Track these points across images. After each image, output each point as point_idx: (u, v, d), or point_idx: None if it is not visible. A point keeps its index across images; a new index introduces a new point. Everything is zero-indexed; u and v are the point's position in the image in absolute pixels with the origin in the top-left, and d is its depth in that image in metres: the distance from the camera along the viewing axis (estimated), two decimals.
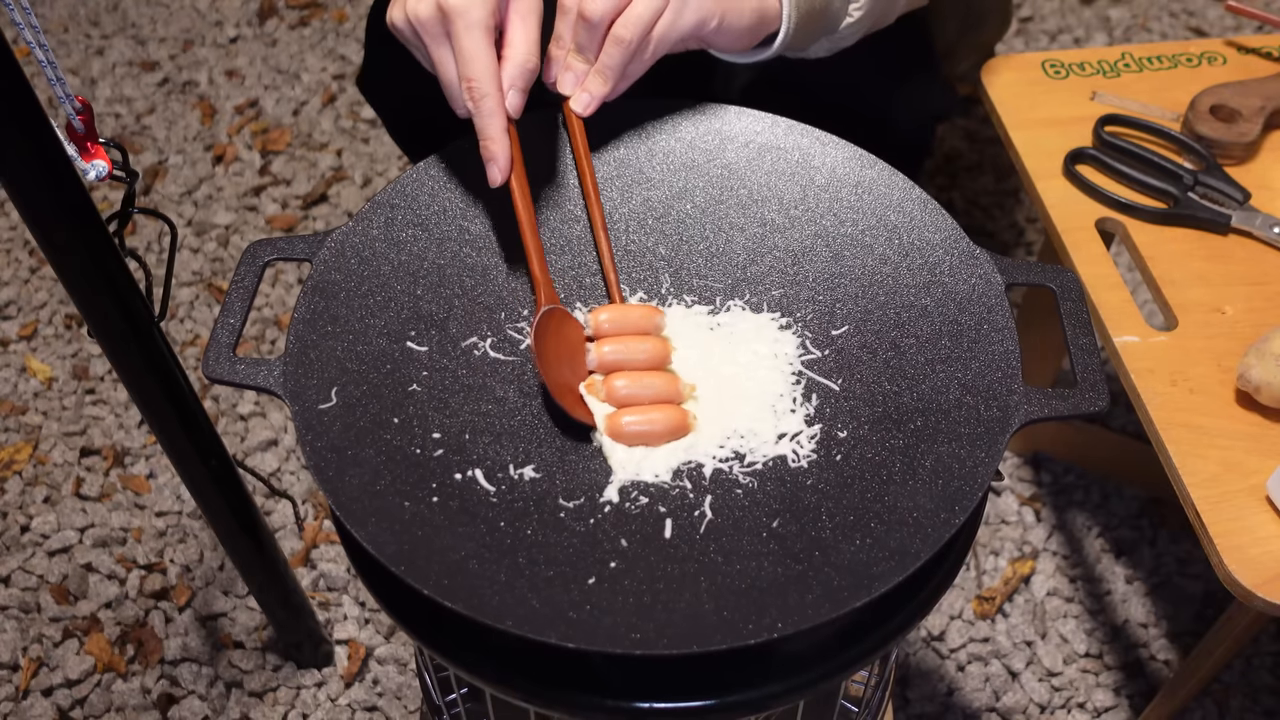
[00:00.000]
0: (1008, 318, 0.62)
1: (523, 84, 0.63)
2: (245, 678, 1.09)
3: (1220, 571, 0.71)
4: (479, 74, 0.61)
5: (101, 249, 0.70)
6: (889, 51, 0.90)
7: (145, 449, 1.28)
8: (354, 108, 1.70)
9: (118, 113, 1.70)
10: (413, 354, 0.62)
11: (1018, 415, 0.57)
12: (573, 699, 0.55)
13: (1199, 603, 1.14)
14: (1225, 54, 1.03)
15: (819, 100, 0.89)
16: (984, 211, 1.53)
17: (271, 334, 1.40)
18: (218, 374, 0.59)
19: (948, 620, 1.13)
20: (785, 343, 0.64)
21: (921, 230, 0.67)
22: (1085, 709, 1.08)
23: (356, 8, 1.88)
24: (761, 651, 0.52)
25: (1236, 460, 0.75)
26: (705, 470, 0.58)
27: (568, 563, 0.54)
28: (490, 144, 0.62)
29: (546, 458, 0.58)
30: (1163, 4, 1.84)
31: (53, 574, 1.17)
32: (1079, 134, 0.95)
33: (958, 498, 0.55)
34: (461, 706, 0.78)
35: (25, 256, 1.51)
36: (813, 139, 0.71)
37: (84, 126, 0.66)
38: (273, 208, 1.56)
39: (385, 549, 0.52)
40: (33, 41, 0.62)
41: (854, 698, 0.80)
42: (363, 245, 0.65)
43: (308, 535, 1.20)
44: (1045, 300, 1.13)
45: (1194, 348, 0.81)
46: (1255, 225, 0.87)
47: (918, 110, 0.91)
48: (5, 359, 1.38)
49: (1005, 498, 1.23)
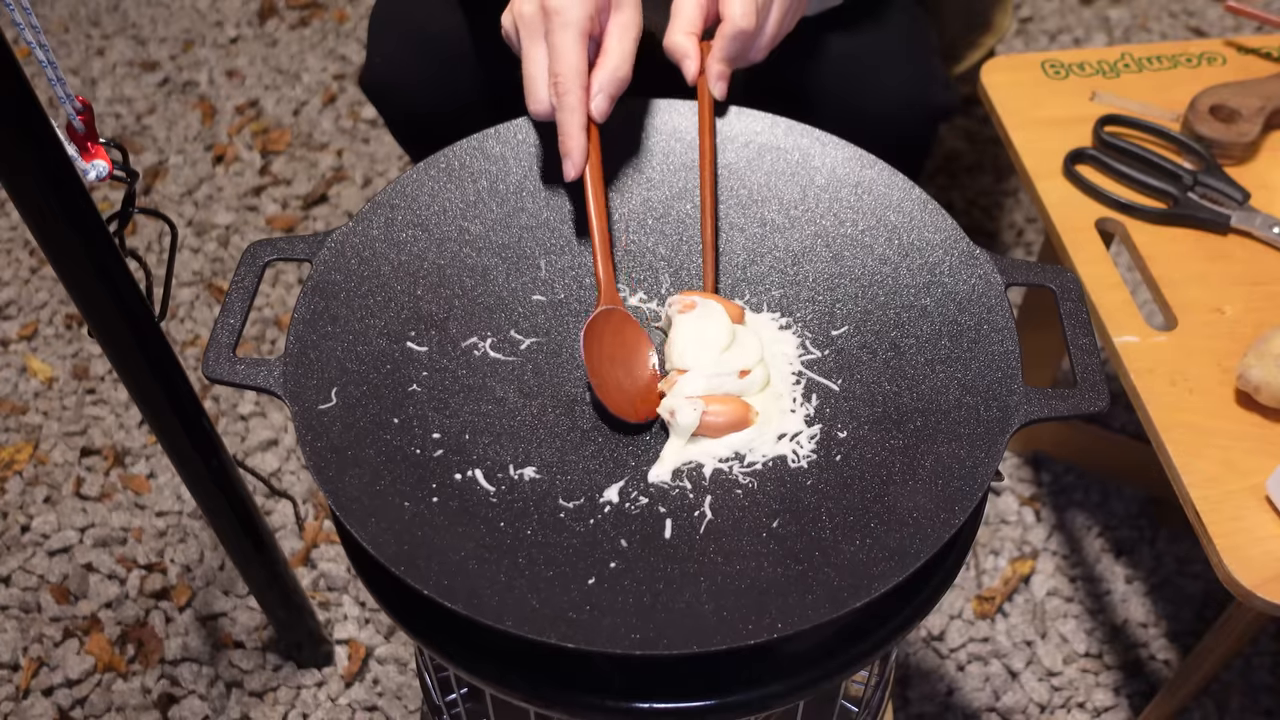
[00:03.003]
0: (1008, 318, 0.62)
1: (611, 90, 0.65)
2: (245, 677, 1.09)
3: (1220, 571, 0.71)
4: (566, 70, 0.63)
5: (102, 249, 0.70)
6: (891, 50, 0.91)
7: (145, 449, 1.28)
8: (354, 108, 1.70)
9: (118, 113, 1.70)
10: (413, 354, 0.62)
11: (1018, 415, 0.57)
12: (573, 699, 0.55)
13: (1199, 603, 1.14)
14: (1225, 54, 1.03)
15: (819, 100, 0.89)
16: (984, 211, 1.53)
17: (271, 334, 1.40)
18: (218, 374, 0.59)
19: (948, 620, 1.13)
20: (785, 343, 0.64)
21: (921, 230, 0.67)
22: (1085, 709, 1.08)
23: (356, 8, 1.88)
24: (761, 651, 0.52)
25: (1236, 460, 0.75)
26: (705, 470, 0.58)
27: (568, 563, 0.54)
28: (568, 140, 0.64)
29: (546, 458, 0.58)
30: (1162, 4, 1.84)
31: (53, 574, 1.17)
32: (1079, 134, 0.95)
33: (958, 498, 0.55)
34: (461, 706, 0.78)
35: (25, 256, 1.51)
36: (813, 139, 0.71)
37: (84, 126, 0.66)
38: (273, 208, 1.56)
39: (385, 549, 0.52)
40: (33, 41, 0.62)
41: (854, 698, 0.80)
42: (363, 245, 0.65)
43: (308, 535, 1.20)
44: (1045, 300, 1.13)
45: (1194, 348, 0.81)
46: (1255, 225, 0.87)
47: (919, 109, 0.91)
48: (5, 359, 1.38)
49: (1005, 498, 1.23)
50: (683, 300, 0.63)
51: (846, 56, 0.89)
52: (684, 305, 0.62)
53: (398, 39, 0.94)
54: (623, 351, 0.62)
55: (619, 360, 0.61)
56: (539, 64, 0.65)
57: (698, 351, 0.60)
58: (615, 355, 0.61)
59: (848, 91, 0.89)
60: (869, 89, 0.89)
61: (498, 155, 0.70)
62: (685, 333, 0.61)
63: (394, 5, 0.96)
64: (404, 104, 0.96)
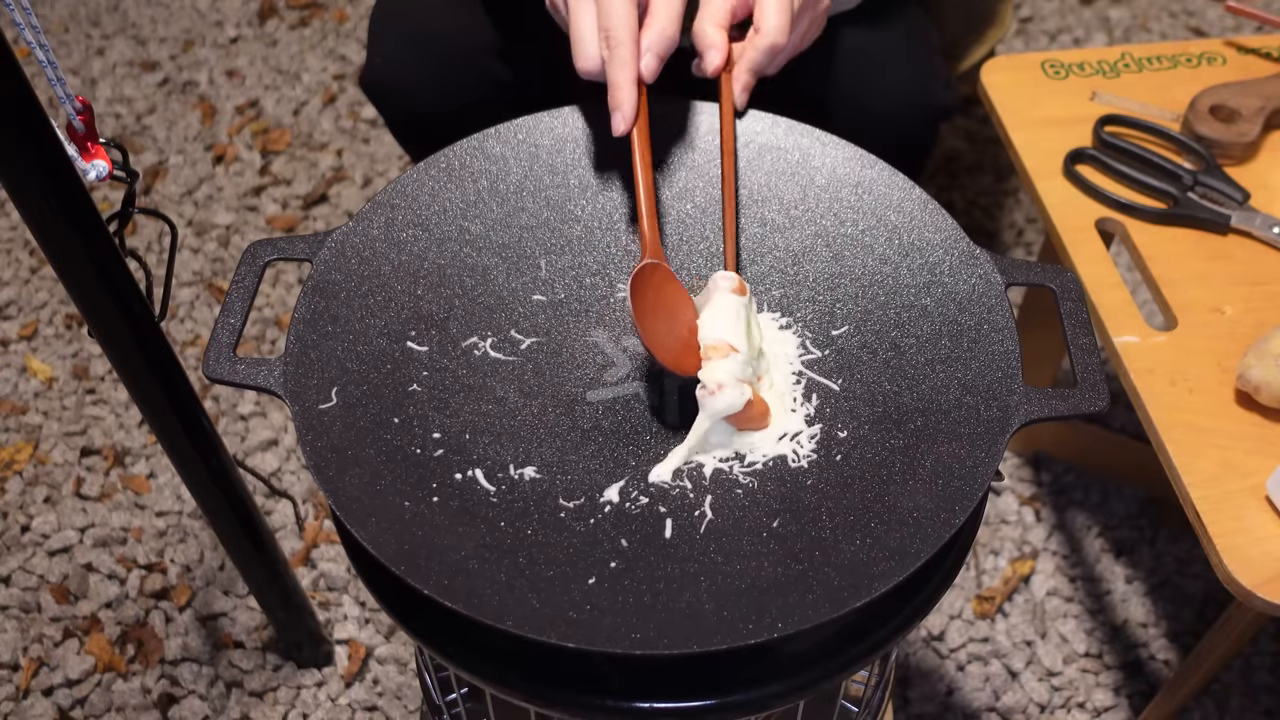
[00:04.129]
0: (1008, 318, 0.62)
1: (660, 50, 0.65)
2: (245, 677, 1.09)
3: (1220, 571, 0.71)
4: (617, 24, 0.63)
5: (102, 249, 0.70)
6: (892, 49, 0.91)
7: (145, 449, 1.28)
8: (354, 108, 1.70)
9: (118, 113, 1.70)
10: (413, 354, 0.62)
11: (1018, 415, 0.57)
12: (573, 699, 0.55)
13: (1199, 603, 1.14)
14: (1225, 54, 1.03)
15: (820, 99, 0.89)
16: (984, 211, 1.53)
17: (271, 334, 1.40)
18: (218, 374, 0.59)
19: (948, 620, 1.13)
20: (785, 343, 0.64)
21: (921, 230, 0.67)
22: (1085, 709, 1.08)
23: (356, 8, 1.88)
24: (761, 651, 0.52)
25: (1236, 460, 0.75)
26: (705, 470, 0.58)
27: (568, 563, 0.54)
28: (619, 92, 0.64)
29: (547, 458, 0.58)
30: (1163, 4, 1.84)
31: (53, 574, 1.17)
32: (1079, 134, 0.95)
33: (958, 498, 0.55)
34: (461, 706, 0.78)
35: (25, 256, 1.51)
36: (813, 139, 0.71)
37: (84, 126, 0.66)
38: (273, 208, 1.56)
39: (385, 549, 0.52)
40: (33, 41, 0.62)
41: (854, 698, 0.80)
42: (363, 245, 0.65)
43: (308, 535, 1.20)
44: (1045, 300, 1.13)
45: (1194, 348, 0.81)
46: (1255, 225, 0.87)
47: (920, 108, 0.91)
48: (5, 359, 1.38)
49: (1005, 498, 1.23)
50: (739, 281, 0.62)
51: (847, 56, 0.89)
52: (739, 286, 0.62)
53: (398, 39, 0.94)
54: (665, 307, 0.61)
55: (662, 315, 0.60)
56: (588, 21, 0.64)
57: (737, 336, 0.60)
58: (658, 309, 0.60)
59: (848, 91, 0.89)
60: (870, 88, 0.89)
61: (498, 155, 0.70)
62: (728, 313, 0.61)
63: (394, 5, 0.96)
64: (404, 104, 0.96)
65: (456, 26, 0.93)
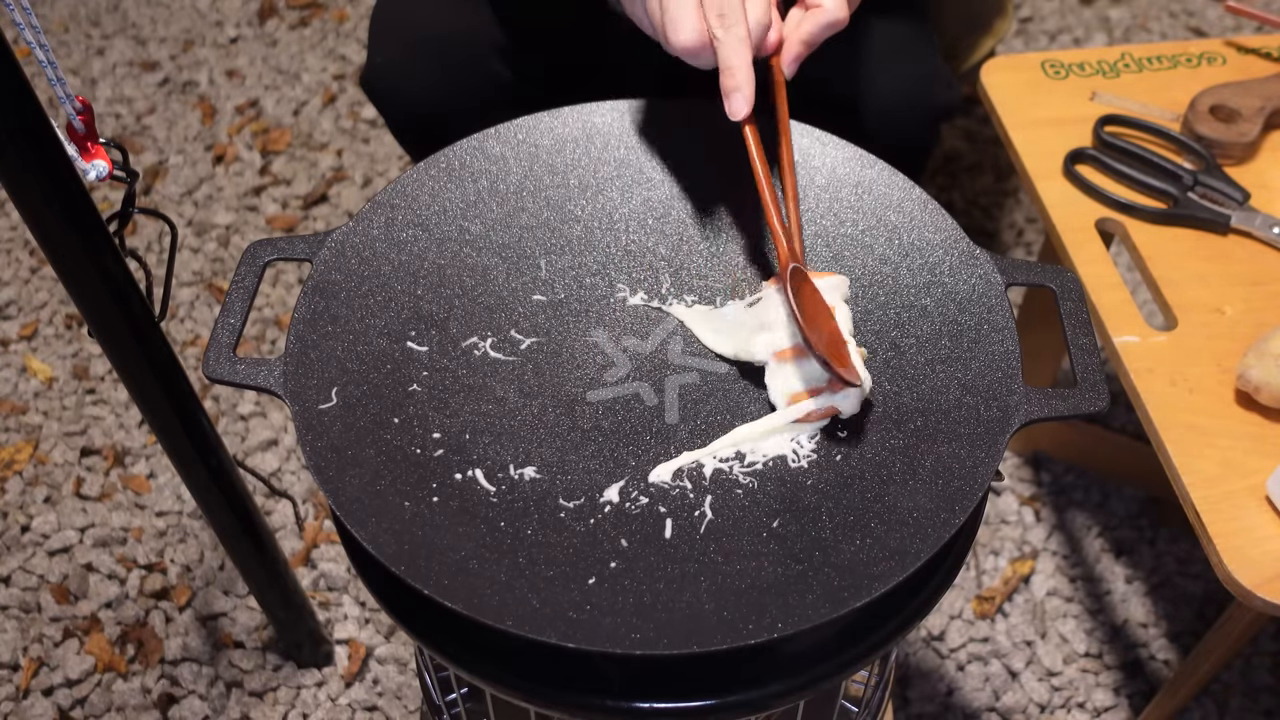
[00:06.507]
0: (1008, 318, 0.62)
1: (758, 36, 0.63)
2: (245, 677, 1.09)
3: (1220, 571, 0.71)
4: (731, 5, 0.60)
5: (101, 249, 0.70)
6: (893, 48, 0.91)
7: (145, 449, 1.28)
8: (354, 108, 1.70)
9: (118, 113, 1.70)
10: (413, 354, 0.62)
11: (1018, 415, 0.57)
12: (573, 699, 0.55)
13: (1199, 603, 1.14)
14: (1225, 54, 1.03)
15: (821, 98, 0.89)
16: (984, 211, 1.53)
17: (271, 334, 1.40)
18: (218, 374, 0.59)
19: (948, 620, 1.13)
20: None
21: (921, 230, 0.67)
22: (1085, 709, 1.08)
23: (356, 8, 1.88)
24: (761, 651, 0.52)
25: (1236, 460, 0.75)
26: (705, 470, 0.58)
27: (568, 563, 0.54)
28: (736, 73, 0.61)
29: (547, 458, 0.58)
30: (1162, 4, 1.84)
31: (53, 574, 1.17)
32: (1079, 134, 0.95)
33: (958, 498, 0.55)
34: (461, 706, 0.78)
35: (25, 256, 1.51)
36: (813, 139, 0.71)
37: (84, 126, 0.66)
38: (273, 208, 1.56)
39: (385, 549, 0.52)
40: (33, 41, 0.62)
41: (854, 698, 0.80)
42: (363, 245, 0.65)
43: (308, 535, 1.20)
44: (1045, 300, 1.13)
45: (1194, 348, 0.81)
46: (1255, 225, 0.87)
47: (921, 108, 0.91)
48: (5, 359, 1.38)
49: (1005, 498, 1.23)
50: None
51: (848, 55, 0.89)
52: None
53: (398, 39, 0.94)
54: (810, 310, 0.60)
55: (811, 319, 0.59)
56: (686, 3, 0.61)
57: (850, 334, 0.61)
58: (808, 313, 0.59)
59: (849, 91, 0.89)
60: (871, 87, 0.89)
61: (498, 155, 0.70)
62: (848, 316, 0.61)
63: (395, 5, 0.96)
64: (404, 104, 0.96)
65: (457, 27, 0.93)
